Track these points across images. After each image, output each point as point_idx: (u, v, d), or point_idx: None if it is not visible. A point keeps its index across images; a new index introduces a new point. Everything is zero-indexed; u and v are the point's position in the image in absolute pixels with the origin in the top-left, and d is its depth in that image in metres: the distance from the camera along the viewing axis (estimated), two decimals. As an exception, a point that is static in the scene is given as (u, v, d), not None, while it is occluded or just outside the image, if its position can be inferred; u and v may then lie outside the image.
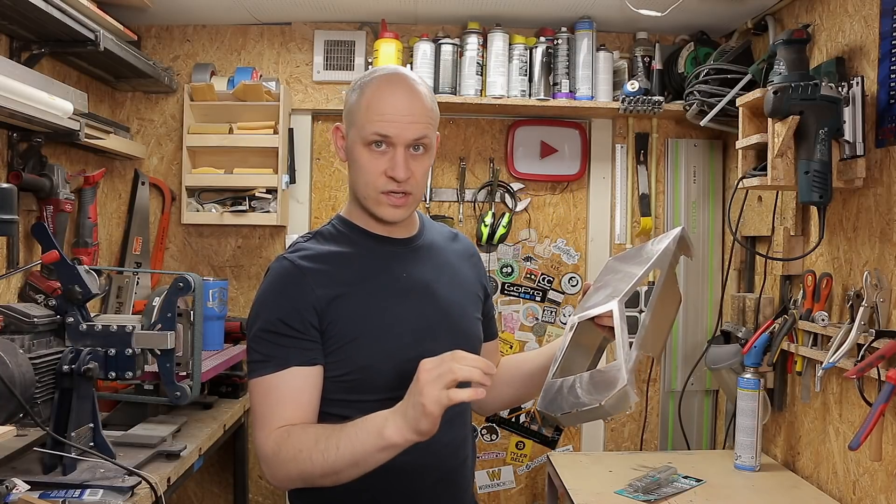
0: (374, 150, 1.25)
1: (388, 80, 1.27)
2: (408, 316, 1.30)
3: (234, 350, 2.44)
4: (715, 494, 1.92)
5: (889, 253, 1.75)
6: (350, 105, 1.29)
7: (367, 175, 1.26)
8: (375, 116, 1.24)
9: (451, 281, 1.40)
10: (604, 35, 2.70)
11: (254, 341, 1.25)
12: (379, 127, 1.23)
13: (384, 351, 1.27)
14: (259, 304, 1.27)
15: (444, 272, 1.40)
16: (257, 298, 1.29)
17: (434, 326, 1.32)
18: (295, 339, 1.23)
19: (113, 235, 2.68)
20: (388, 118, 1.23)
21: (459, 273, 1.44)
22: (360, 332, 1.26)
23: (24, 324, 1.59)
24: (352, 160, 1.29)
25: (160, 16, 2.59)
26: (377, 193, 1.27)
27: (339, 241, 1.33)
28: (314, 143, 2.77)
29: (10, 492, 1.40)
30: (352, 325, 1.25)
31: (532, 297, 2.80)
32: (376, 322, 1.27)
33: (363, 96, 1.27)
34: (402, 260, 1.35)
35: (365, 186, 1.28)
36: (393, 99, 1.25)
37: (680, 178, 2.77)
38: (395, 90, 1.26)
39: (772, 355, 2.10)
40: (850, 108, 1.78)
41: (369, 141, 1.25)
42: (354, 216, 1.36)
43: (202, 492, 2.77)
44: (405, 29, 2.68)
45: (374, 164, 1.25)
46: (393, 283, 1.32)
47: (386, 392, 1.24)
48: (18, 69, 1.77)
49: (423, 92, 1.28)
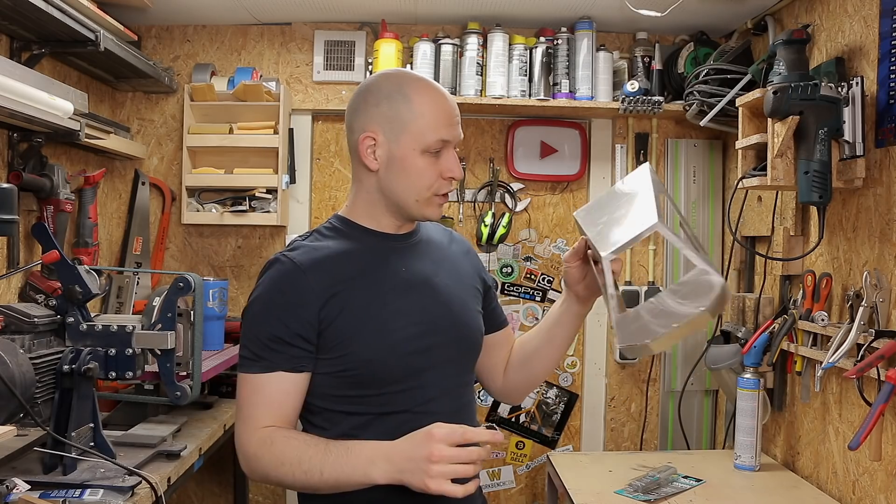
0: (431, 155, 1.28)
1: (429, 85, 1.31)
2: (409, 310, 1.31)
3: (235, 350, 2.43)
4: (715, 494, 1.92)
5: (889, 253, 1.75)
6: (396, 113, 1.28)
7: (424, 179, 1.29)
8: (441, 123, 1.28)
9: (450, 275, 1.41)
10: (604, 35, 2.70)
11: (247, 337, 1.27)
12: (445, 134, 1.28)
13: (387, 345, 1.27)
14: (257, 302, 1.28)
15: (443, 266, 1.41)
16: (256, 296, 1.28)
17: (436, 320, 1.33)
18: (288, 344, 1.24)
19: (113, 235, 2.68)
20: (450, 123, 1.29)
21: (458, 267, 1.45)
22: (362, 326, 1.26)
23: (24, 324, 1.59)
24: (400, 167, 1.29)
25: (160, 16, 2.59)
26: (430, 195, 1.30)
27: (337, 238, 1.34)
28: (314, 143, 2.77)
29: (10, 492, 1.40)
30: (354, 320, 1.26)
31: (532, 297, 2.80)
32: (378, 316, 1.28)
33: (415, 104, 1.27)
34: (401, 255, 1.36)
35: (420, 190, 1.29)
36: (445, 104, 1.29)
37: (680, 178, 2.77)
38: (443, 94, 1.31)
39: (771, 355, 2.10)
40: (850, 109, 1.78)
41: (433, 149, 1.28)
42: (357, 215, 1.36)
43: (202, 492, 2.77)
44: (405, 29, 2.69)
45: (432, 168, 1.29)
46: (392, 277, 1.32)
47: (389, 385, 1.27)
48: (19, 69, 1.77)
49: None
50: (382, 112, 1.28)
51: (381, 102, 1.29)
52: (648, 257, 2.77)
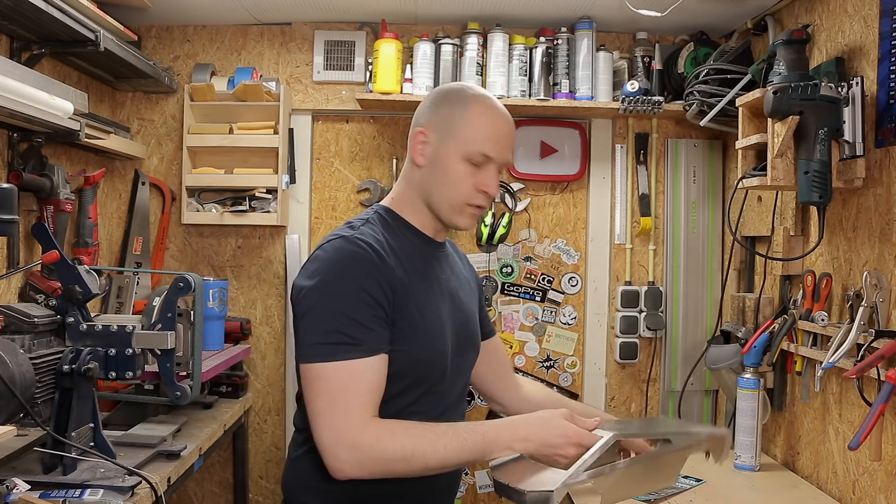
0: (472, 165, 1.31)
1: (494, 105, 1.36)
2: (446, 317, 1.36)
3: (234, 350, 2.44)
4: (715, 494, 1.92)
5: (889, 253, 1.75)
6: (450, 117, 1.33)
7: (459, 186, 1.32)
8: (488, 138, 1.31)
9: (464, 287, 1.47)
10: (604, 35, 2.70)
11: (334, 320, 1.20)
12: (489, 149, 1.31)
13: (435, 348, 1.31)
14: (339, 279, 1.22)
15: (460, 279, 1.47)
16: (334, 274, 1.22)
17: (461, 329, 1.40)
18: (384, 320, 1.22)
19: (113, 235, 2.68)
20: (498, 142, 1.32)
21: (467, 280, 1.51)
22: (419, 326, 1.28)
23: (24, 324, 1.59)
24: (441, 168, 1.32)
25: (160, 16, 2.59)
26: (462, 204, 1.33)
27: (393, 232, 1.34)
28: (314, 143, 2.77)
29: (10, 492, 1.40)
30: (414, 317, 1.27)
31: (532, 297, 2.80)
32: (430, 319, 1.31)
33: (470, 112, 1.32)
34: (440, 263, 1.41)
35: (453, 196, 1.32)
36: (503, 125, 1.34)
37: (680, 178, 2.77)
38: (502, 116, 1.35)
39: (771, 355, 2.10)
40: (850, 109, 1.78)
41: (475, 160, 1.31)
42: (408, 213, 1.37)
43: (202, 492, 2.77)
44: (405, 29, 2.68)
45: (469, 177, 1.32)
46: (437, 283, 1.37)
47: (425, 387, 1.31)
48: (19, 69, 1.77)
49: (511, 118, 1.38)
50: (441, 114, 1.34)
51: (443, 105, 1.35)
52: (648, 257, 2.77)
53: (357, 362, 1.20)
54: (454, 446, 1.20)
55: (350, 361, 1.19)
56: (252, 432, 2.74)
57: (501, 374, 1.61)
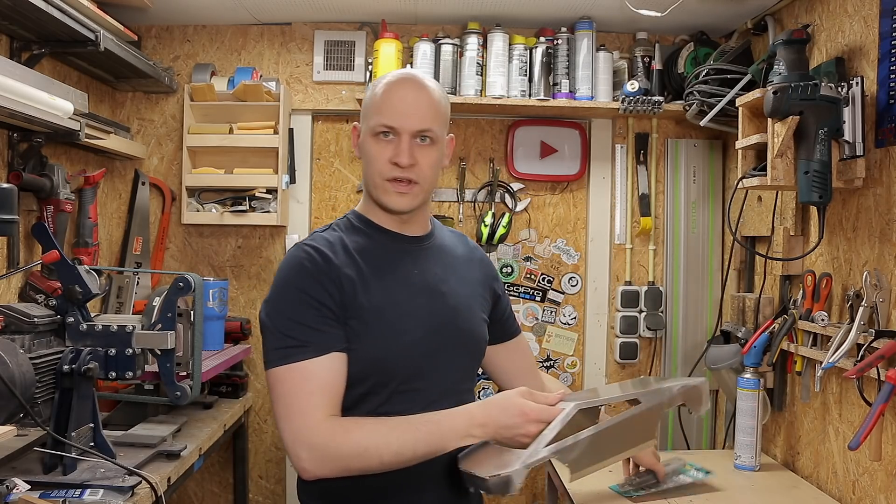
0: (381, 139, 1.31)
1: (397, 77, 1.36)
2: (419, 312, 1.33)
3: (234, 350, 2.44)
4: (715, 494, 1.91)
5: (889, 253, 1.75)
6: (364, 102, 1.38)
7: (374, 163, 1.32)
8: (383, 108, 1.31)
9: (460, 281, 1.43)
10: (604, 35, 2.70)
11: (283, 327, 1.24)
12: (388, 118, 1.30)
13: (396, 346, 1.29)
14: (285, 287, 1.27)
15: (454, 272, 1.43)
16: (281, 283, 1.28)
17: (443, 324, 1.36)
18: (332, 320, 1.24)
19: (113, 235, 2.68)
20: (394, 110, 1.31)
21: (468, 274, 1.47)
22: (374, 325, 1.27)
23: (24, 324, 1.60)
24: (363, 153, 1.36)
25: (160, 16, 2.59)
26: (383, 181, 1.32)
27: (354, 233, 1.37)
28: (314, 143, 2.77)
29: (10, 492, 1.40)
30: (367, 316, 1.27)
31: (532, 297, 2.80)
32: (390, 316, 1.29)
33: (375, 91, 1.35)
34: (414, 257, 1.38)
35: (373, 175, 1.33)
36: (401, 92, 1.32)
37: (680, 178, 2.77)
38: (403, 85, 1.33)
39: (771, 355, 2.10)
40: (850, 109, 1.78)
41: (377, 132, 1.31)
42: (369, 212, 1.40)
43: (202, 492, 2.77)
44: (405, 29, 2.68)
45: (380, 153, 1.31)
46: (405, 279, 1.35)
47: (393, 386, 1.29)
48: (19, 69, 1.77)
49: (432, 87, 1.35)
50: (363, 104, 1.38)
51: (365, 95, 1.40)
52: (648, 257, 2.77)
53: (308, 363, 1.22)
54: (407, 438, 1.19)
55: (301, 363, 1.22)
56: (252, 432, 2.74)
57: (526, 372, 1.60)
